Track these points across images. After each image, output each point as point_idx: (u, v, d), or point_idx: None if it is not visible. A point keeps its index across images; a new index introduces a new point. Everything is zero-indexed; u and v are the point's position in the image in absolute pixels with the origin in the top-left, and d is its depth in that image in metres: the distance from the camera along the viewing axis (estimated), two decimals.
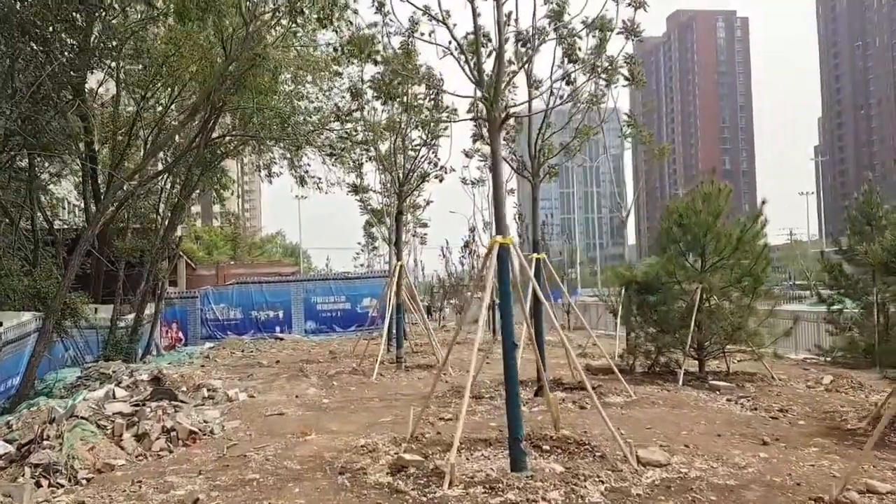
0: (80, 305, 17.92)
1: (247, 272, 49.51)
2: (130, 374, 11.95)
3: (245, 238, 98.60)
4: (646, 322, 13.24)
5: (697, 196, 12.96)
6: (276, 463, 7.33)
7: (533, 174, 10.63)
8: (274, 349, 24.74)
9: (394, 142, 14.38)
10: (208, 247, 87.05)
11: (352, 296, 31.82)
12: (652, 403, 10.09)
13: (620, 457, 6.91)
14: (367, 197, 23.85)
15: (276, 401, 11.17)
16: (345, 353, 19.80)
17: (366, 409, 10.11)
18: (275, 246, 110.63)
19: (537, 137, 10.56)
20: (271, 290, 32.18)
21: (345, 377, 13.66)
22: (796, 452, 7.28)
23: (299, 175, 25.20)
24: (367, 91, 15.40)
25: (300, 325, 31.81)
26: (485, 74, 7.11)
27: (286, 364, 17.40)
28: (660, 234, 13.41)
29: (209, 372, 15.29)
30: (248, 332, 31.17)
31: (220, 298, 31.97)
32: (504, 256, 6.90)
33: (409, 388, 12.14)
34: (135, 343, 20.26)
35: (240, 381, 13.63)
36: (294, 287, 32.32)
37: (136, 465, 7.69)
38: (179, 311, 31.19)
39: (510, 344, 6.92)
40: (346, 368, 15.10)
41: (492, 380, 12.23)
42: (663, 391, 11.28)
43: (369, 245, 48.80)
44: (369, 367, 14.16)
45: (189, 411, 9.53)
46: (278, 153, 25.30)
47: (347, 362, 16.75)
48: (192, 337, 30.94)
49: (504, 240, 6.88)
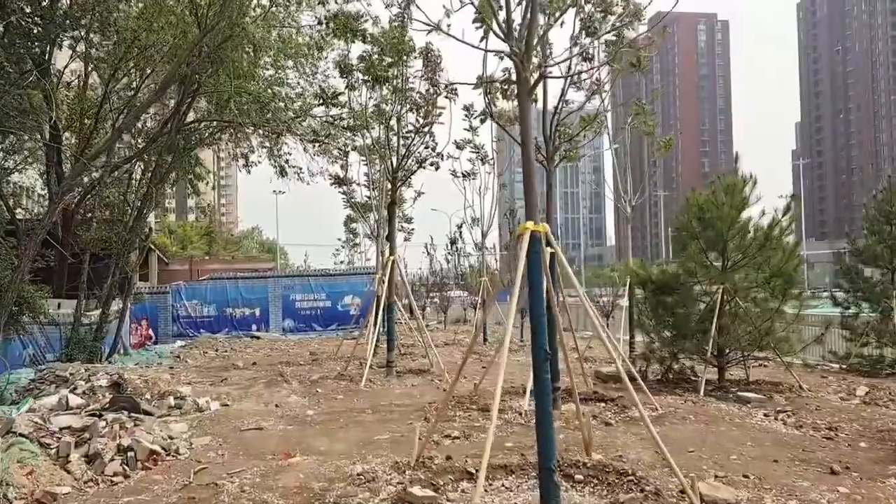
0: (39, 300, 16.47)
1: (222, 268, 47.83)
2: (88, 378, 10.53)
3: (221, 233, 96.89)
4: (661, 325, 12.05)
5: (718, 188, 11.83)
6: (254, 496, 6.02)
7: (548, 157, 9.40)
8: (250, 349, 23.35)
9: (387, 123, 13.06)
10: (182, 241, 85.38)
11: (332, 293, 30.46)
12: (682, 419, 8.88)
13: (675, 491, 5.72)
14: (351, 190, 22.59)
15: (254, 411, 9.84)
16: (327, 355, 18.47)
17: (357, 423, 8.80)
18: (251, 242, 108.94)
19: (554, 114, 9.34)
20: (247, 286, 30.70)
21: (330, 383, 12.31)
22: (877, 486, 6.13)
23: (279, 165, 23.85)
24: (355, 72, 14.15)
25: (278, 323, 30.40)
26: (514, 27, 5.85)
27: (263, 366, 16.03)
28: (677, 231, 12.25)
29: (178, 374, 13.90)
30: (222, 330, 29.76)
31: (193, 294, 30.46)
32: (535, 247, 5.67)
33: (404, 396, 10.86)
34: (99, 341, 18.76)
35: (212, 385, 12.24)
36: (271, 283, 30.86)
37: (84, 495, 6.36)
38: (149, 307, 29.58)
39: (542, 353, 5.67)
40: (329, 372, 13.77)
41: (492, 387, 11.02)
42: (687, 403, 10.10)
43: (350, 241, 47.56)
44: (356, 372, 12.85)
45: (152, 425, 8.16)
46: (257, 141, 23.90)
47: (331, 365, 15.43)
48: (162, 335, 29.41)
49: (537, 227, 5.65)
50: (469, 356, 6.99)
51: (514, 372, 12.34)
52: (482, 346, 20.17)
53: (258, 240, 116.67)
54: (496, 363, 13.67)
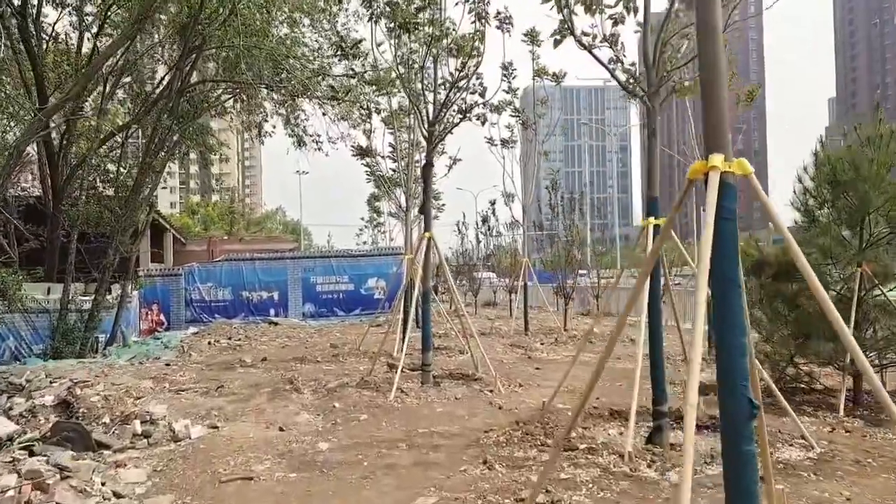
0: (13, 283, 14.17)
1: (241, 248, 45.77)
2: (29, 395, 8.07)
3: (243, 213, 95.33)
4: (777, 321, 9.32)
5: (854, 144, 9.07)
6: None
7: (650, 92, 6.67)
8: (265, 337, 21.03)
9: (420, 69, 10.33)
10: (205, 222, 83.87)
11: (355, 276, 28.02)
12: (861, 466, 6.09)
13: None
14: (375, 162, 20.00)
15: (248, 439, 7.28)
16: (349, 347, 16.00)
17: (388, 469, 6.10)
18: (274, 223, 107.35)
19: (660, 32, 6.60)
20: (265, 268, 28.37)
21: (351, 393, 9.59)
22: None
23: (296, 134, 21.36)
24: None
25: (297, 307, 28.07)
26: None
27: (274, 363, 13.56)
28: (801, 199, 9.47)
29: (169, 379, 11.43)
30: (238, 315, 27.58)
31: (208, 277, 28.20)
32: (728, 198, 3.04)
33: (449, 418, 8.11)
34: (91, 331, 16.46)
35: (204, 396, 9.73)
36: (291, 265, 28.47)
37: None
38: (161, 290, 27.48)
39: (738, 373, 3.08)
40: (352, 374, 11.21)
41: (564, 404, 8.38)
42: (837, 432, 7.35)
43: (373, 221, 45.18)
44: (384, 377, 10.31)
45: (90, 474, 5.66)
46: (271, 107, 21.40)
47: (353, 364, 12.93)
48: (175, 320, 27.27)
49: (730, 164, 3.01)
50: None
51: (587, 379, 9.69)
52: (523, 337, 17.58)
53: (281, 220, 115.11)
54: (561, 365, 11.01)
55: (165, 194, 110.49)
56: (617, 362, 11.60)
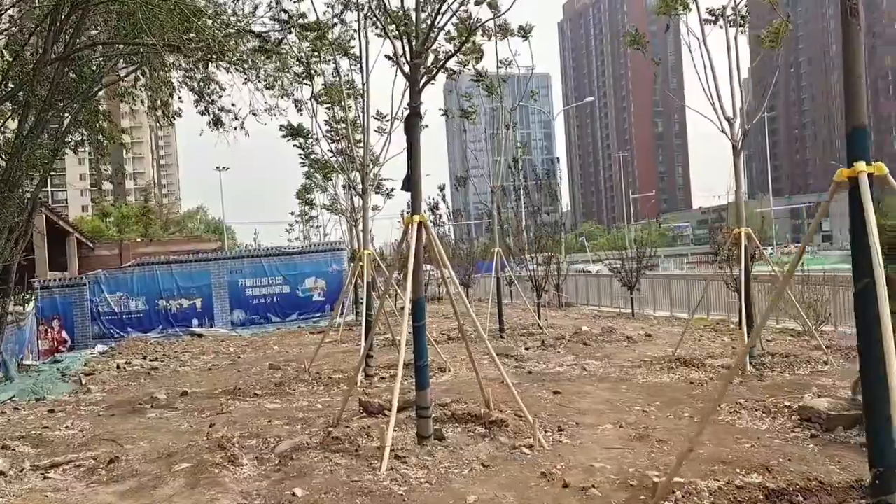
0: None
1: (158, 251, 41.38)
2: None
3: (160, 212, 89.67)
4: None
5: None
6: None
7: None
8: (188, 354, 17.71)
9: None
10: (119, 224, 78.20)
11: (291, 276, 24.72)
12: None
13: None
14: (309, 144, 16.67)
15: None
16: (294, 367, 12.85)
17: None
18: (196, 223, 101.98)
19: None
20: (185, 272, 24.78)
21: (316, 462, 6.18)
22: None
23: (212, 112, 17.86)
24: None
25: (225, 316, 24.62)
26: None
27: (198, 400, 10.27)
28: None
29: (51, 431, 8.06)
30: (155, 327, 24.14)
31: (117, 285, 24.49)
32: None
33: None
34: None
35: (82, 483, 6.20)
36: (215, 268, 24.92)
37: None
38: (62, 303, 23.71)
39: None
40: (309, 418, 7.92)
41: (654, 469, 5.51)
42: None
43: (305, 215, 41.74)
44: (357, 424, 7.15)
45: None
46: (178, 78, 17.80)
47: (306, 396, 9.72)
48: (80, 337, 23.54)
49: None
50: None
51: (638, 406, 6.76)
52: (500, 341, 14.76)
53: (203, 219, 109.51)
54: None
55: (77, 197, 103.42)
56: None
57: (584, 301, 25.66)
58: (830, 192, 4.04)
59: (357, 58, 11.98)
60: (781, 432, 6.10)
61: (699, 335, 13.73)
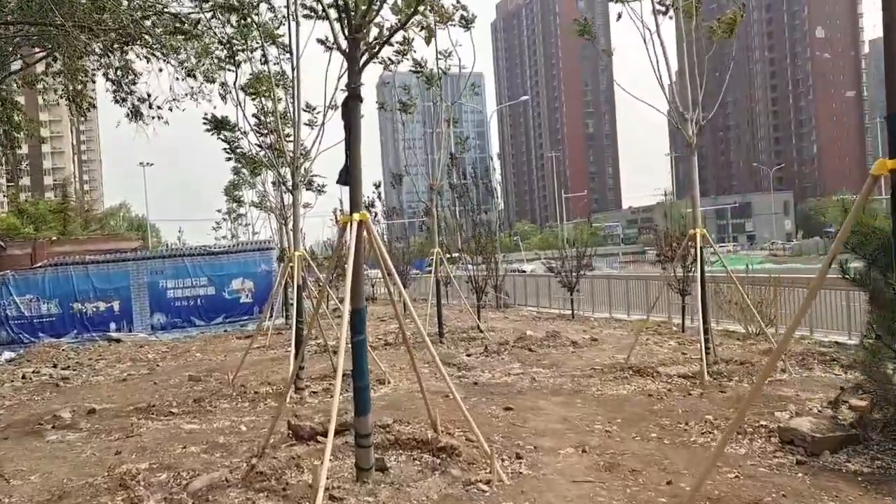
0: None
1: (74, 250, 38.93)
2: None
3: (80, 210, 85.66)
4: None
5: None
6: None
7: None
8: (103, 361, 16.44)
9: None
10: (35, 222, 74.20)
11: (216, 277, 23.39)
12: None
13: None
14: (236, 137, 15.56)
15: None
16: (217, 378, 11.84)
17: None
18: (118, 220, 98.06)
19: None
20: (101, 272, 23.19)
21: (233, 499, 5.30)
22: None
23: (130, 101, 16.58)
24: None
25: (144, 319, 23.14)
26: None
27: (106, 419, 9.17)
28: None
29: None
30: (68, 332, 22.55)
31: (27, 287, 22.81)
32: None
33: None
34: None
35: None
36: (134, 268, 23.39)
37: None
38: None
39: None
40: (230, 444, 7.01)
41: None
42: None
43: (232, 213, 40.14)
44: (285, 454, 6.23)
45: None
46: (91, 64, 16.49)
47: (228, 415, 8.75)
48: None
49: None
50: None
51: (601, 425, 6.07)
52: (440, 346, 14.01)
53: (126, 217, 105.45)
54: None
55: None
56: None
57: (521, 302, 25.12)
58: (867, 186, 3.54)
59: (286, 46, 11.05)
60: (763, 458, 5.53)
61: (645, 339, 13.28)
